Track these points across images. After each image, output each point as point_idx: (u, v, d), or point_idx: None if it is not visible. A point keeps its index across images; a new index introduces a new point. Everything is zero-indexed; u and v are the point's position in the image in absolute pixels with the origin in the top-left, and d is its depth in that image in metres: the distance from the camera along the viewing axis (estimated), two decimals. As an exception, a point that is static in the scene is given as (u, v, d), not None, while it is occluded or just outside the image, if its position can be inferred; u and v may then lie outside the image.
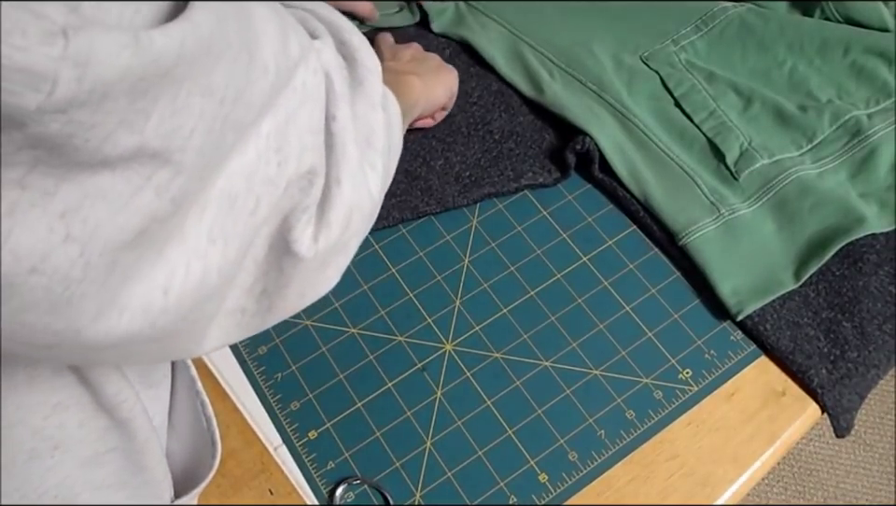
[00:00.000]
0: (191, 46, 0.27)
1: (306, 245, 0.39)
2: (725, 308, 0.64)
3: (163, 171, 0.28)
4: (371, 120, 0.44)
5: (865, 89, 0.74)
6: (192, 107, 0.28)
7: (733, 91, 0.75)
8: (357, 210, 0.41)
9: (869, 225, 0.65)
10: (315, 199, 0.39)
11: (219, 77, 0.29)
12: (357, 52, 0.45)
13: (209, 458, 0.55)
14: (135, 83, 0.25)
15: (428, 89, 0.67)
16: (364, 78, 0.44)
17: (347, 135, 0.40)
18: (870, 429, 1.48)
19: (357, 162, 0.41)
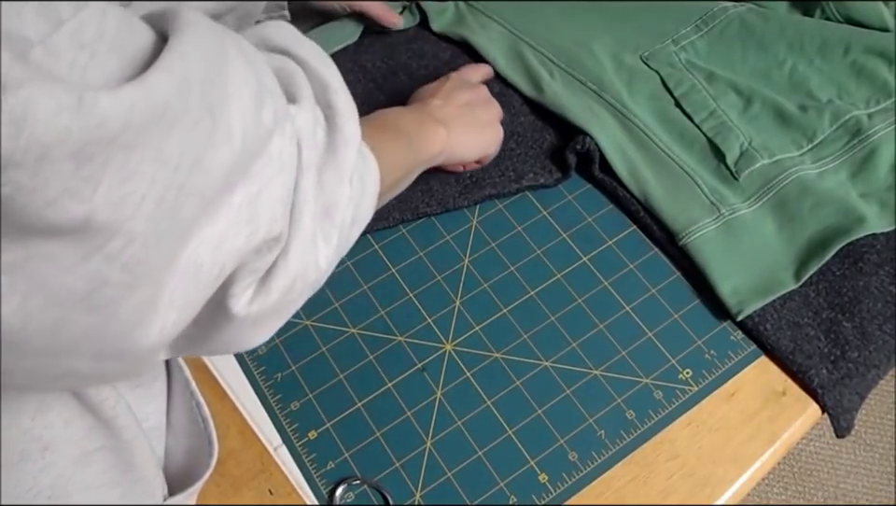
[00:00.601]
0: (141, 112, 0.26)
1: (241, 306, 0.38)
2: (725, 308, 0.64)
3: (115, 241, 0.27)
4: (337, 193, 0.42)
5: (865, 88, 0.74)
6: (143, 175, 0.27)
7: (733, 90, 0.75)
8: (300, 280, 0.40)
9: (869, 225, 0.65)
10: (266, 264, 0.38)
11: (174, 144, 0.29)
12: (339, 118, 0.43)
13: (206, 458, 0.55)
14: (79, 148, 0.24)
15: (458, 143, 0.64)
16: (339, 148, 0.43)
17: (306, 207, 0.39)
18: (870, 429, 1.48)
19: (310, 234, 0.40)
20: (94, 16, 0.26)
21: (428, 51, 0.81)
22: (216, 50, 0.32)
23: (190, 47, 0.30)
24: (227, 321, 0.38)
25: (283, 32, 0.46)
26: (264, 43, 0.45)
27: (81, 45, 0.26)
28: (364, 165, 0.46)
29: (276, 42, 0.45)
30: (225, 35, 0.35)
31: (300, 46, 0.45)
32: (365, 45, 0.81)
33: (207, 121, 0.30)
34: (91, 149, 0.25)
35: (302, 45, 0.45)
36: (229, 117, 0.32)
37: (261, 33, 0.45)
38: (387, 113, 0.61)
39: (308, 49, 0.45)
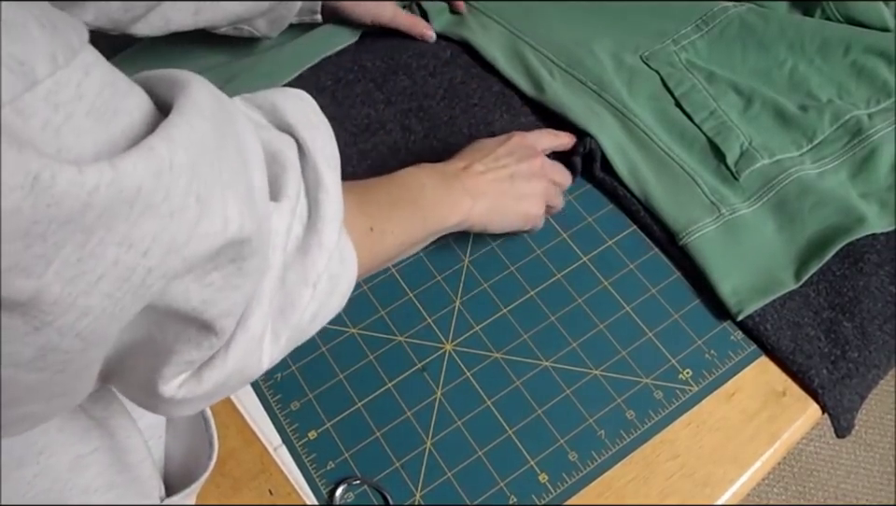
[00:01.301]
0: (106, 195, 0.25)
1: (169, 389, 0.36)
2: (725, 308, 0.64)
3: (67, 316, 0.26)
4: (296, 295, 0.40)
5: (865, 89, 0.73)
6: (104, 257, 0.26)
7: (733, 90, 0.75)
8: (237, 376, 0.38)
9: (869, 225, 0.65)
10: (203, 357, 0.36)
11: (146, 230, 0.27)
12: (321, 221, 0.41)
13: (206, 458, 0.55)
14: (29, 227, 0.23)
15: (486, 216, 0.61)
16: (312, 250, 0.41)
17: (259, 308, 0.37)
18: (870, 429, 1.48)
19: (257, 335, 0.38)
20: (74, 76, 0.25)
21: (428, 51, 0.81)
22: (215, 136, 0.31)
23: (186, 130, 0.28)
24: (152, 395, 0.37)
25: (297, 107, 0.44)
26: (274, 114, 0.43)
27: (56, 105, 0.25)
28: (340, 266, 0.43)
29: (287, 118, 0.43)
30: (229, 115, 0.34)
31: (308, 129, 0.43)
32: (365, 45, 0.81)
33: (193, 210, 0.29)
34: (42, 229, 0.24)
35: (312, 128, 0.43)
36: (224, 207, 0.30)
37: (276, 102, 0.43)
38: (414, 176, 0.58)
39: (315, 135, 0.43)
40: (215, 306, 0.33)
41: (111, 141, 0.27)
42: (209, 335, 0.35)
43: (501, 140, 0.65)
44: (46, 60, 0.24)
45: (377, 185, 0.56)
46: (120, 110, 0.28)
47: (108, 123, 0.27)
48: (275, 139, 0.41)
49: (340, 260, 0.43)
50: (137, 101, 0.29)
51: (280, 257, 0.38)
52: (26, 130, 0.24)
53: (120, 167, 0.25)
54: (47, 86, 0.24)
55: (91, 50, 0.27)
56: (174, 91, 0.31)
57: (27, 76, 0.24)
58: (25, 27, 0.24)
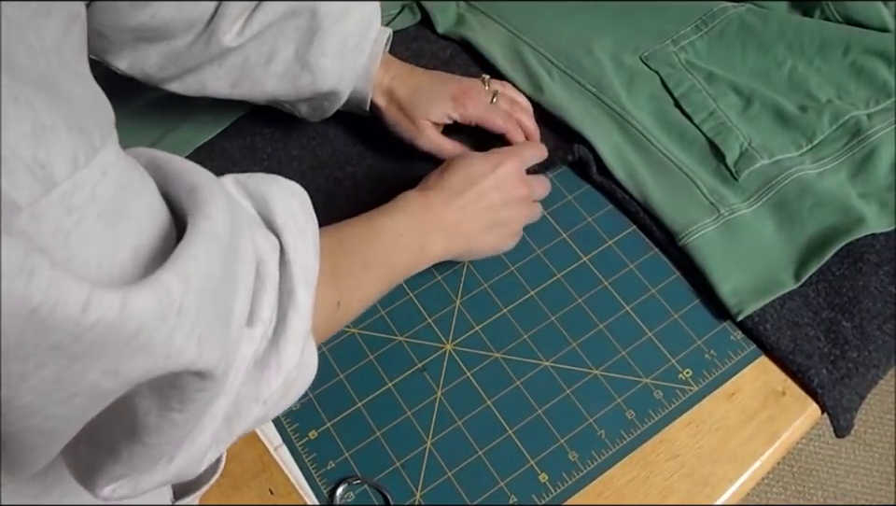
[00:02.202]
0: (101, 332, 0.24)
1: (103, 492, 0.36)
2: (725, 308, 0.64)
3: (33, 418, 0.26)
4: (245, 409, 0.38)
5: (865, 89, 0.74)
6: (86, 379, 0.25)
7: (733, 91, 0.75)
8: (176, 480, 0.37)
9: (869, 225, 0.65)
10: (135, 473, 0.35)
11: (137, 365, 0.26)
12: (283, 340, 0.39)
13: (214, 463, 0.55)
14: (13, 349, 0.23)
15: (464, 246, 0.61)
16: (269, 368, 0.38)
17: (209, 426, 0.36)
18: (870, 429, 1.48)
19: (203, 449, 0.37)
20: (91, 178, 0.25)
21: (428, 51, 0.81)
22: (225, 269, 0.30)
23: (202, 266, 0.28)
24: (89, 490, 0.36)
25: (287, 206, 0.42)
26: (264, 209, 0.41)
27: (69, 209, 0.24)
28: (298, 372, 0.41)
29: (275, 218, 0.41)
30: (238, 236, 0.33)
31: (294, 235, 0.41)
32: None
33: (193, 353, 0.28)
34: (26, 351, 0.23)
35: (298, 234, 0.41)
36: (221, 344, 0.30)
37: (267, 196, 0.41)
38: (393, 223, 0.57)
39: (298, 245, 0.41)
40: (163, 435, 0.33)
41: (115, 247, 0.26)
42: (143, 457, 0.34)
43: (488, 168, 0.61)
44: (67, 162, 0.24)
45: (352, 244, 0.54)
46: (129, 214, 0.27)
47: (115, 227, 0.26)
48: (262, 245, 0.39)
49: (299, 370, 0.41)
50: (148, 203, 0.29)
51: (240, 379, 0.37)
52: (40, 236, 0.23)
53: (129, 307, 0.24)
54: (63, 189, 0.24)
55: (112, 147, 0.26)
56: (193, 205, 0.30)
57: (47, 179, 0.23)
58: (54, 130, 0.24)
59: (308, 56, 0.63)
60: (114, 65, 0.63)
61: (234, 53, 0.63)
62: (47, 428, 0.27)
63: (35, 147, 0.23)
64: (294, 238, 0.41)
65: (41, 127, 0.23)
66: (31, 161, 0.23)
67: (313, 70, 0.64)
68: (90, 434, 0.33)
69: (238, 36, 0.62)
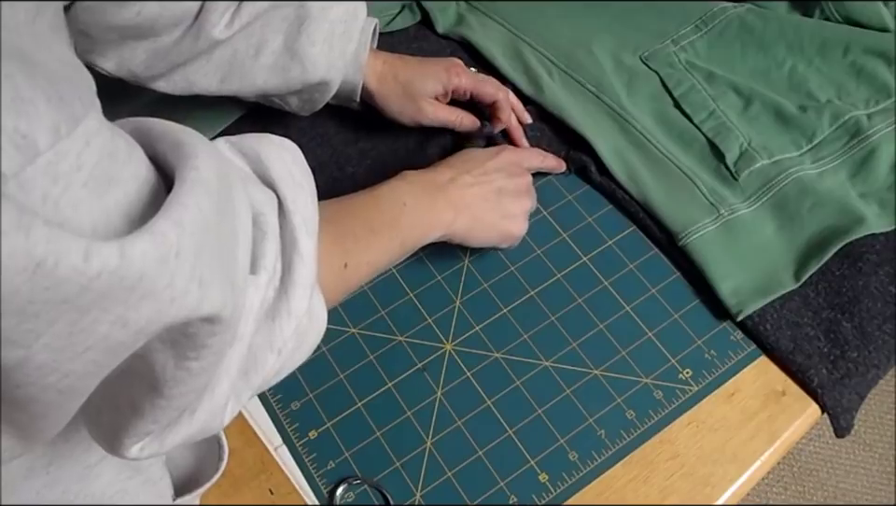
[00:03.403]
0: (106, 282, 0.25)
1: (131, 452, 0.36)
2: (725, 308, 0.64)
3: (50, 377, 0.26)
4: (261, 359, 0.39)
5: (865, 89, 0.74)
6: (96, 332, 0.26)
7: (732, 91, 0.75)
8: (199, 435, 0.38)
9: (868, 226, 0.65)
10: (160, 427, 0.36)
11: (143, 313, 0.27)
12: (293, 286, 0.40)
13: (215, 460, 0.55)
14: (24, 306, 0.23)
15: (469, 230, 0.61)
16: (279, 315, 0.39)
17: (226, 376, 0.37)
18: (870, 429, 1.48)
19: (222, 400, 0.38)
20: (74, 147, 0.26)
21: (428, 51, 0.81)
22: (217, 213, 0.30)
23: (194, 212, 0.28)
24: (115, 452, 0.37)
25: (281, 160, 0.43)
26: (258, 166, 0.42)
27: (55, 178, 0.25)
28: (309, 323, 0.42)
29: (270, 172, 0.42)
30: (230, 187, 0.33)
31: (291, 187, 0.42)
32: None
33: (195, 295, 0.28)
34: (37, 308, 0.24)
35: (295, 186, 0.42)
36: (221, 287, 0.30)
37: (261, 152, 0.42)
38: (396, 193, 0.58)
39: (296, 195, 0.42)
40: (183, 386, 0.33)
41: (105, 212, 0.27)
42: (166, 409, 0.34)
43: (491, 153, 0.65)
44: (49, 132, 0.25)
45: (356, 210, 0.55)
46: (117, 179, 0.28)
47: (103, 194, 0.27)
48: (258, 197, 0.40)
49: (309, 320, 0.42)
50: (135, 168, 0.29)
51: (251, 327, 0.38)
52: (29, 203, 0.24)
53: (128, 254, 0.25)
54: (47, 158, 0.25)
55: (95, 117, 0.27)
56: (178, 160, 0.30)
57: (30, 148, 0.24)
58: (33, 102, 0.24)
59: (297, 46, 0.63)
60: (100, 66, 0.62)
61: (223, 47, 0.62)
62: (64, 386, 0.27)
63: (15, 118, 0.24)
64: (291, 190, 0.41)
65: (20, 99, 0.24)
66: (12, 131, 0.23)
67: (302, 60, 0.64)
68: (111, 401, 0.34)
69: (227, 29, 0.62)
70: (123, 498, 0.46)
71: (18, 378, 0.26)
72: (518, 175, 0.65)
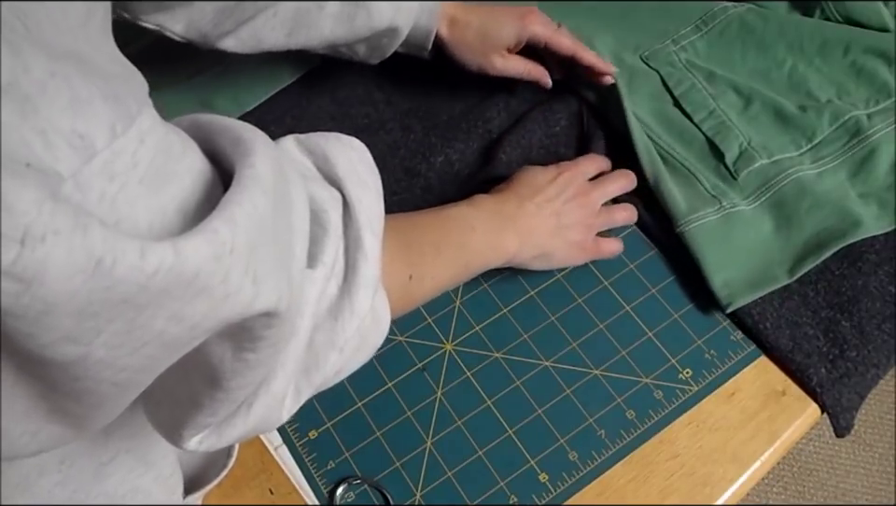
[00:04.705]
0: (163, 280, 0.25)
1: (189, 444, 0.37)
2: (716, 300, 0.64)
3: (107, 371, 0.27)
4: (322, 357, 0.39)
5: (865, 89, 0.74)
6: (153, 328, 0.26)
7: (732, 90, 0.75)
8: (257, 430, 0.39)
9: (866, 228, 0.65)
10: (218, 420, 0.36)
11: (198, 308, 0.27)
12: (356, 285, 0.40)
13: (223, 458, 0.55)
14: (84, 306, 0.24)
15: (531, 259, 0.62)
16: (342, 314, 0.39)
17: (282, 371, 0.37)
18: (870, 429, 1.48)
19: (279, 395, 0.38)
20: (130, 145, 0.26)
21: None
22: (273, 210, 0.30)
23: (249, 210, 0.28)
24: (175, 443, 0.38)
25: (348, 159, 0.43)
26: (325, 165, 0.42)
27: (111, 176, 0.25)
28: (372, 324, 0.43)
29: (336, 171, 0.42)
30: (286, 183, 0.33)
31: (357, 186, 0.42)
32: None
33: (249, 291, 0.29)
34: (96, 308, 0.24)
35: (361, 185, 0.42)
36: (276, 283, 0.30)
37: (328, 151, 0.42)
38: (465, 217, 0.58)
39: (362, 194, 0.41)
40: (241, 378, 0.34)
41: (161, 208, 0.27)
42: (224, 402, 0.35)
43: (550, 175, 0.64)
44: (105, 131, 0.25)
45: (424, 224, 0.55)
46: (172, 175, 0.28)
47: (159, 190, 0.27)
48: (321, 195, 0.40)
49: (373, 320, 0.42)
50: (190, 163, 0.29)
51: (309, 323, 0.38)
52: (86, 203, 0.24)
53: (182, 251, 0.25)
54: (104, 157, 0.25)
55: (149, 114, 0.27)
56: (236, 155, 0.31)
57: (87, 149, 0.24)
58: (90, 102, 0.24)
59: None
60: (170, 29, 0.61)
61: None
62: (120, 380, 0.28)
63: (73, 119, 0.24)
64: (356, 188, 0.41)
65: (77, 100, 0.24)
66: (69, 132, 0.24)
67: (367, 6, 0.63)
68: (171, 394, 0.35)
69: None
70: (135, 497, 0.46)
71: (76, 372, 0.26)
72: (580, 194, 0.64)
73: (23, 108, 0.23)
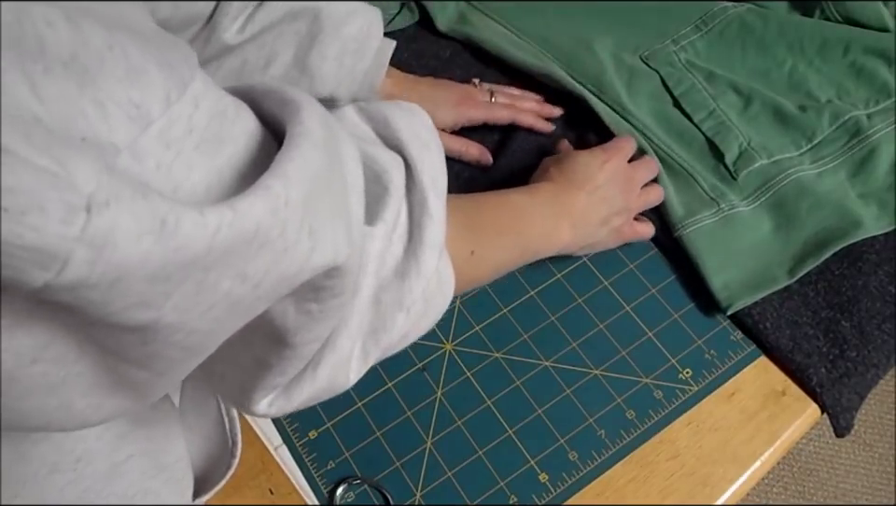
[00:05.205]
0: (227, 236, 0.25)
1: (260, 408, 0.38)
2: (715, 301, 0.64)
3: (177, 335, 0.27)
4: (390, 317, 0.40)
5: (865, 89, 0.74)
6: (219, 289, 0.27)
7: (732, 90, 0.75)
8: (326, 393, 0.39)
9: (866, 229, 0.65)
10: (288, 379, 0.37)
11: (260, 264, 0.27)
12: (421, 246, 0.40)
13: (228, 458, 0.55)
14: (156, 271, 0.24)
15: (579, 248, 0.63)
16: (409, 274, 0.40)
17: (345, 328, 0.37)
18: (870, 429, 1.48)
19: (346, 354, 0.38)
20: (185, 111, 0.26)
21: (428, 51, 0.81)
22: (325, 165, 0.31)
23: (300, 163, 0.28)
24: (245, 410, 0.39)
25: (409, 123, 0.43)
26: (386, 129, 0.42)
27: (168, 144, 0.25)
28: (437, 289, 0.43)
29: (398, 134, 0.42)
30: (336, 139, 0.34)
31: (419, 148, 0.42)
32: (365, 45, 0.81)
33: (306, 243, 0.29)
34: (168, 271, 0.24)
35: (423, 147, 0.42)
36: (333, 237, 0.31)
37: (388, 116, 0.43)
38: (525, 203, 0.58)
39: (424, 156, 0.42)
40: (307, 332, 0.34)
41: (218, 171, 0.27)
42: (293, 359, 0.35)
43: (600, 160, 0.63)
44: (160, 99, 0.25)
45: (487, 206, 0.56)
46: (227, 139, 0.28)
47: (215, 154, 0.27)
48: (382, 157, 0.40)
49: (437, 284, 0.43)
50: (244, 125, 0.29)
51: (372, 281, 0.38)
52: (142, 172, 0.24)
53: (239, 208, 0.25)
54: (160, 125, 0.25)
55: (201, 78, 0.27)
56: (284, 114, 0.31)
57: (143, 118, 0.24)
58: (146, 70, 0.24)
59: (308, 60, 0.63)
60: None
61: (233, 55, 0.62)
62: (189, 343, 0.28)
63: (129, 88, 0.24)
64: (418, 150, 0.42)
65: (133, 69, 0.24)
66: (126, 102, 0.24)
67: (312, 75, 0.64)
68: (235, 365, 0.35)
69: (239, 34, 0.62)
70: (145, 498, 0.46)
71: (147, 337, 0.26)
72: (626, 179, 0.64)
73: (82, 80, 0.23)
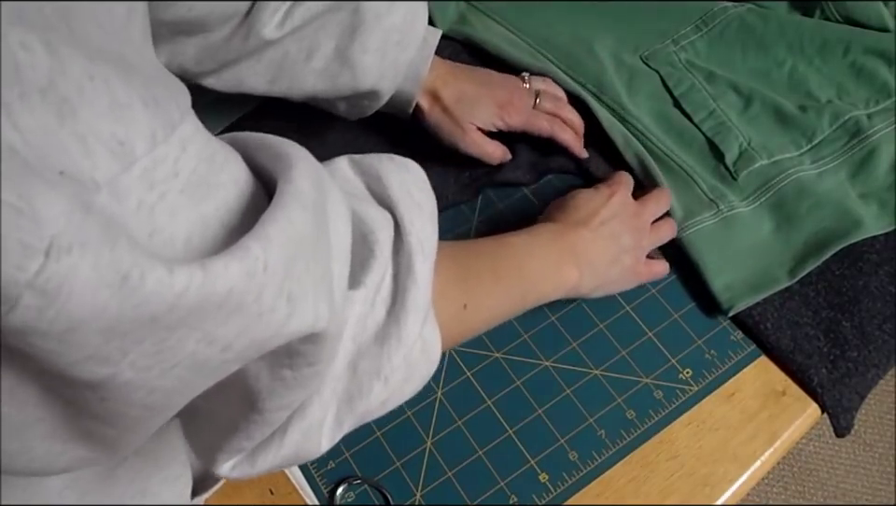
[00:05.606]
0: (193, 299, 0.24)
1: (222, 469, 0.36)
2: (717, 303, 0.64)
3: (137, 393, 0.26)
4: (366, 385, 0.38)
5: (865, 89, 0.73)
6: (183, 349, 0.26)
7: (732, 90, 0.75)
8: (293, 459, 0.37)
9: (866, 229, 0.65)
10: (253, 444, 0.35)
11: (230, 329, 0.26)
12: (404, 312, 0.38)
13: None
14: (111, 325, 0.23)
15: (591, 290, 0.60)
16: (389, 341, 0.38)
17: (319, 397, 0.36)
18: (870, 429, 1.48)
19: (316, 422, 0.37)
20: (171, 153, 0.25)
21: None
22: (312, 227, 0.29)
23: (284, 226, 0.27)
24: (208, 467, 0.37)
25: (402, 182, 0.42)
26: (378, 185, 0.41)
27: (151, 184, 0.24)
28: (421, 355, 0.41)
29: (389, 192, 0.41)
30: (326, 200, 0.32)
31: (409, 208, 0.40)
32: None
33: (283, 311, 0.28)
34: (125, 328, 0.23)
35: (414, 207, 0.41)
36: (314, 304, 0.29)
37: (381, 172, 0.41)
38: (526, 245, 0.56)
39: (414, 217, 0.40)
40: (278, 398, 0.33)
41: (202, 220, 0.26)
42: (260, 424, 0.34)
43: (604, 198, 0.62)
44: (145, 138, 0.24)
45: (483, 252, 0.54)
46: (214, 185, 0.27)
47: (201, 200, 0.26)
48: (371, 216, 0.38)
49: (421, 350, 0.41)
50: (232, 173, 0.29)
51: (350, 345, 0.37)
52: (121, 212, 0.23)
53: (212, 270, 0.24)
54: (143, 164, 0.24)
55: (191, 122, 0.26)
56: (277, 169, 0.30)
57: (127, 156, 0.23)
58: (130, 107, 0.24)
59: (349, 52, 0.62)
60: None
61: (273, 48, 0.61)
62: (150, 402, 0.27)
63: (112, 124, 0.23)
64: (409, 211, 0.40)
65: (117, 104, 0.23)
66: (109, 138, 0.23)
67: (353, 67, 0.62)
68: (212, 419, 0.34)
69: (278, 29, 0.60)
70: (144, 498, 0.46)
71: (104, 393, 0.25)
72: (633, 215, 0.62)
73: (62, 111, 0.22)
